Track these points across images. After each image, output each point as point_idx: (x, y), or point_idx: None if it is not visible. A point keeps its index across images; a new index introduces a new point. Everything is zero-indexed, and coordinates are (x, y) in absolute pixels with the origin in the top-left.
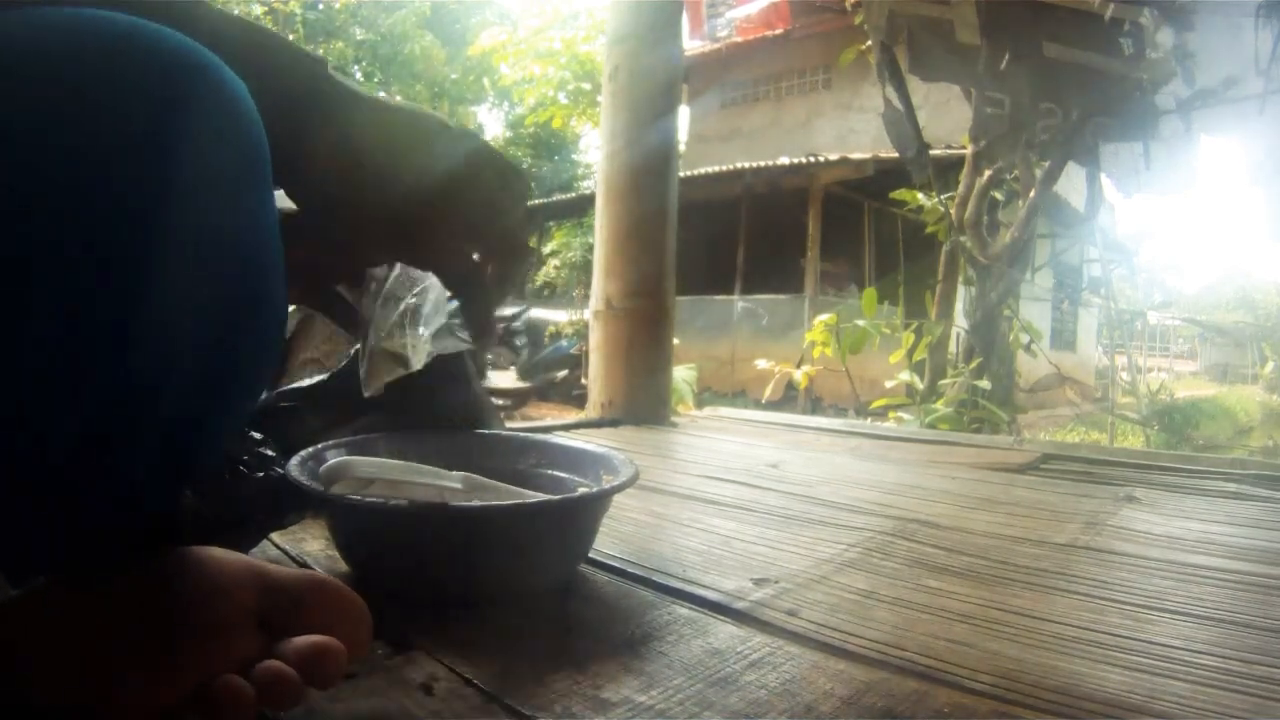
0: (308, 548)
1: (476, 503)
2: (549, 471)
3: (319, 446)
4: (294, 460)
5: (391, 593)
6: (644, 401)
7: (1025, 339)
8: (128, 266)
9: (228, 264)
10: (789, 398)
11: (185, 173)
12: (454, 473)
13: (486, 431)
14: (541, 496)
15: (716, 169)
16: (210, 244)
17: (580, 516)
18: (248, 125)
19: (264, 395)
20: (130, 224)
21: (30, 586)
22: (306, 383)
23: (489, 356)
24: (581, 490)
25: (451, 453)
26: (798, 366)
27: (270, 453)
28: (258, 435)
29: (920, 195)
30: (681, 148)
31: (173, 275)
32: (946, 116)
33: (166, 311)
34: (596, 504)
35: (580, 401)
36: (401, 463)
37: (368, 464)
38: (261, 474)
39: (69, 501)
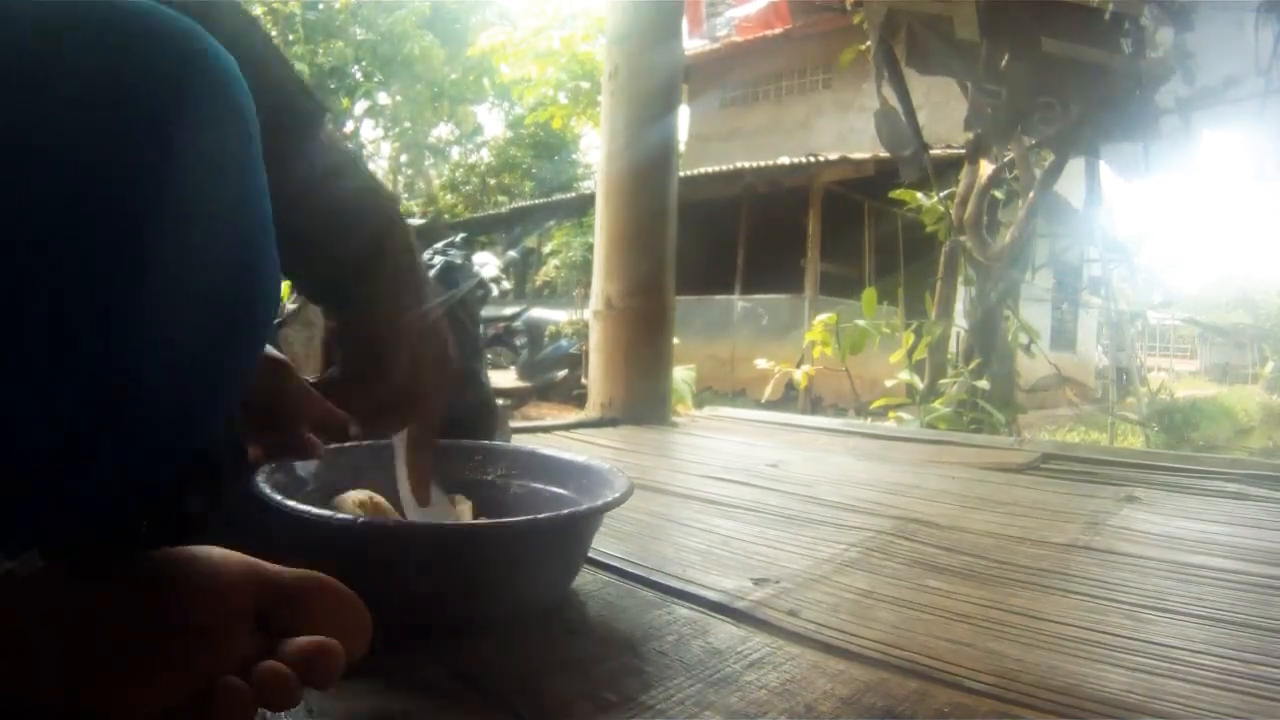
0: None
1: (469, 521)
2: (533, 485)
3: (286, 459)
4: (261, 473)
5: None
6: (644, 401)
7: (1025, 339)
8: (121, 248)
9: (223, 247)
10: (789, 398)
11: (183, 154)
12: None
13: (469, 443)
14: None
15: (716, 169)
16: (202, 231)
17: (572, 535)
18: (241, 108)
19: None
20: (126, 203)
21: (25, 569)
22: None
23: (489, 357)
24: (572, 508)
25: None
26: (798, 366)
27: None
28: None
29: (920, 195)
30: (681, 148)
31: (167, 256)
32: (947, 116)
33: (160, 293)
34: (588, 522)
35: (580, 401)
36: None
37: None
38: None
39: (56, 479)
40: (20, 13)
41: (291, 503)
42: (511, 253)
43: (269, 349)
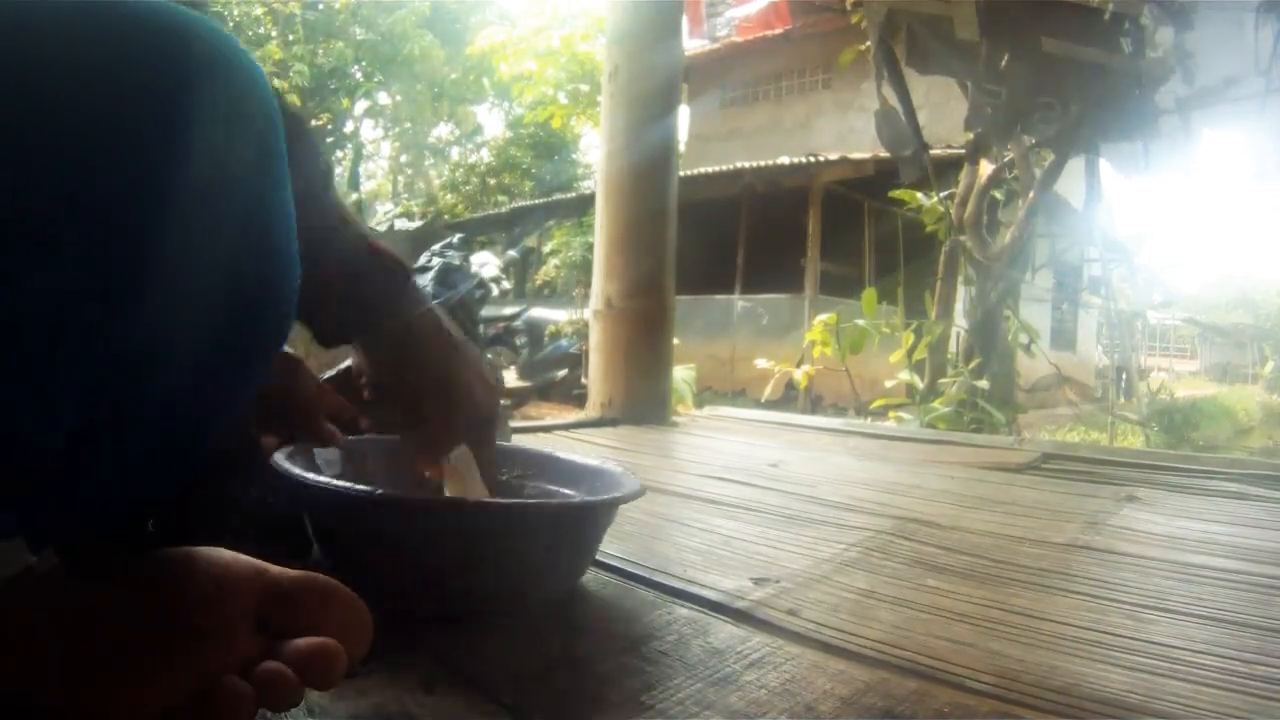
0: None
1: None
2: (548, 486)
3: (304, 445)
4: (280, 454)
5: (385, 601)
6: (644, 401)
7: (1025, 339)
8: (129, 249)
9: (236, 250)
10: (789, 397)
11: (200, 157)
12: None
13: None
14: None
15: (716, 169)
16: (222, 230)
17: (588, 525)
18: (266, 110)
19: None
20: (136, 205)
21: (28, 573)
22: (330, 372)
23: (489, 357)
24: (588, 499)
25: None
26: (798, 366)
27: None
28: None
29: (920, 195)
30: (681, 148)
31: (176, 258)
32: (947, 116)
33: (168, 294)
34: (603, 513)
35: (580, 401)
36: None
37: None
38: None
39: (59, 479)
40: (47, 9)
41: (311, 475)
42: (511, 253)
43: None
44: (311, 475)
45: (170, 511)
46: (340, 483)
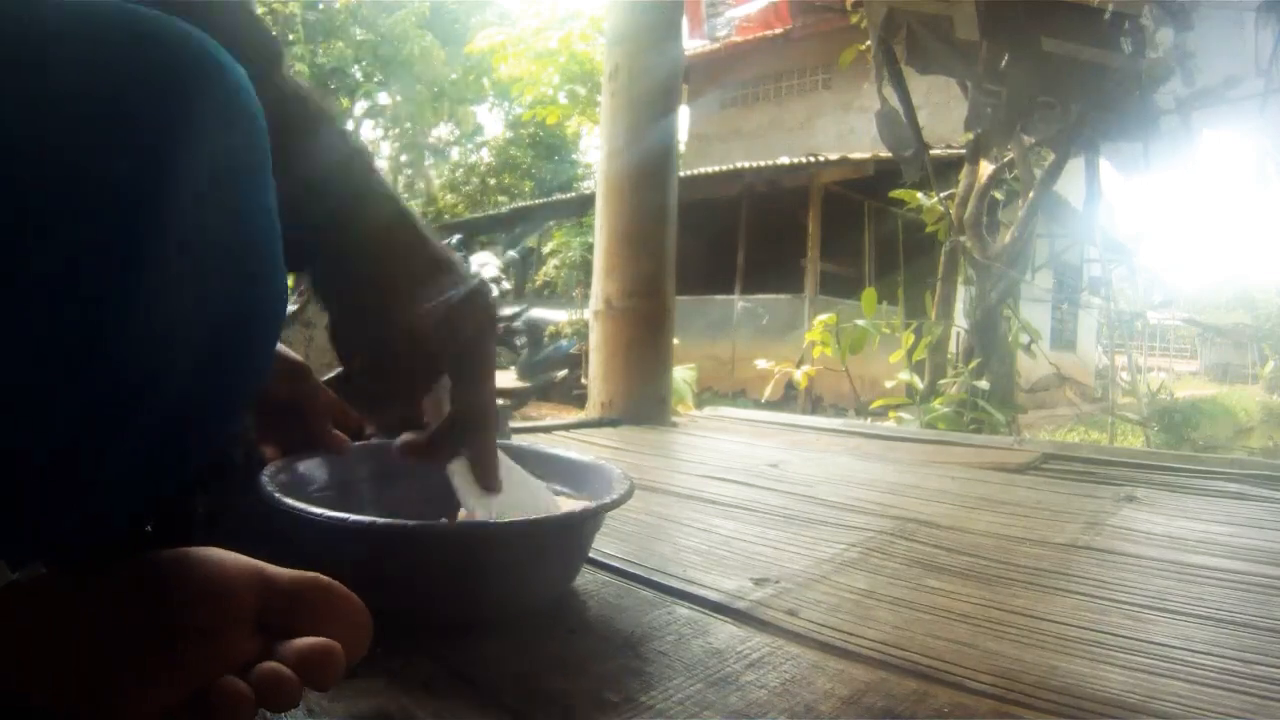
0: None
1: (469, 520)
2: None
3: (291, 458)
4: (265, 474)
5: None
6: (644, 401)
7: (1025, 339)
8: (125, 258)
9: (227, 258)
10: (789, 398)
11: (187, 164)
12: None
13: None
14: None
15: (716, 169)
16: (211, 238)
17: (577, 534)
18: (251, 117)
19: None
20: (130, 213)
21: (27, 577)
22: (330, 375)
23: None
24: (576, 507)
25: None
26: (798, 366)
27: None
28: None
29: (920, 195)
30: (681, 148)
31: (171, 267)
32: (947, 116)
33: (164, 303)
34: (593, 521)
35: (580, 401)
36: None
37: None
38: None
39: (60, 489)
40: (34, 19)
41: (293, 502)
42: (511, 253)
43: (287, 351)
44: (286, 499)
45: (168, 514)
46: (307, 508)
